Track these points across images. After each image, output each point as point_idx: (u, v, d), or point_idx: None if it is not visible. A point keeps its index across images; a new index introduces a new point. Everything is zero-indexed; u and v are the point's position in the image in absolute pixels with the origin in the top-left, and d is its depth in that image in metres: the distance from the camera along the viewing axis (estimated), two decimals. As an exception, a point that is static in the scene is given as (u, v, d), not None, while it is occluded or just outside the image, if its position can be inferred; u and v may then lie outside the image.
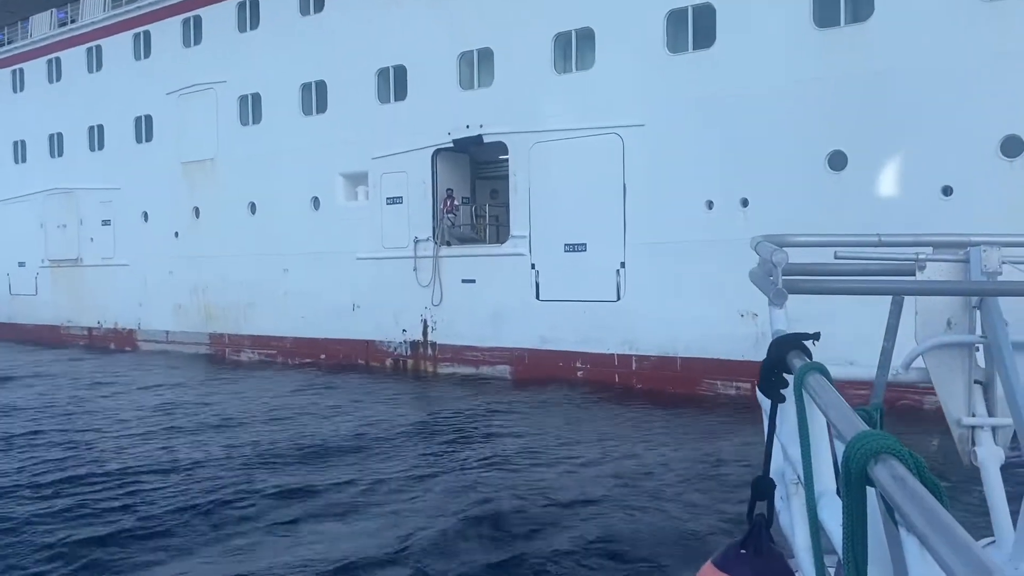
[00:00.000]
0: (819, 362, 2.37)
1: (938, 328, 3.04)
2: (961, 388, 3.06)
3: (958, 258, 3.08)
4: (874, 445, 1.70)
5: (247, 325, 30.31)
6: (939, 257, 3.11)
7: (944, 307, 3.05)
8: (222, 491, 11.85)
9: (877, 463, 1.67)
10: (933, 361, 3.05)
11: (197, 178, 31.52)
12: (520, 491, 11.84)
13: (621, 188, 21.25)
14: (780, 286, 2.84)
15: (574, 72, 22.41)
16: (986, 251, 2.93)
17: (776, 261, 2.88)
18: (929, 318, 3.06)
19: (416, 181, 25.34)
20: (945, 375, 3.04)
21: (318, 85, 27.76)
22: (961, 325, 3.04)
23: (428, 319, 25.23)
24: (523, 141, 23.01)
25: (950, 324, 3.05)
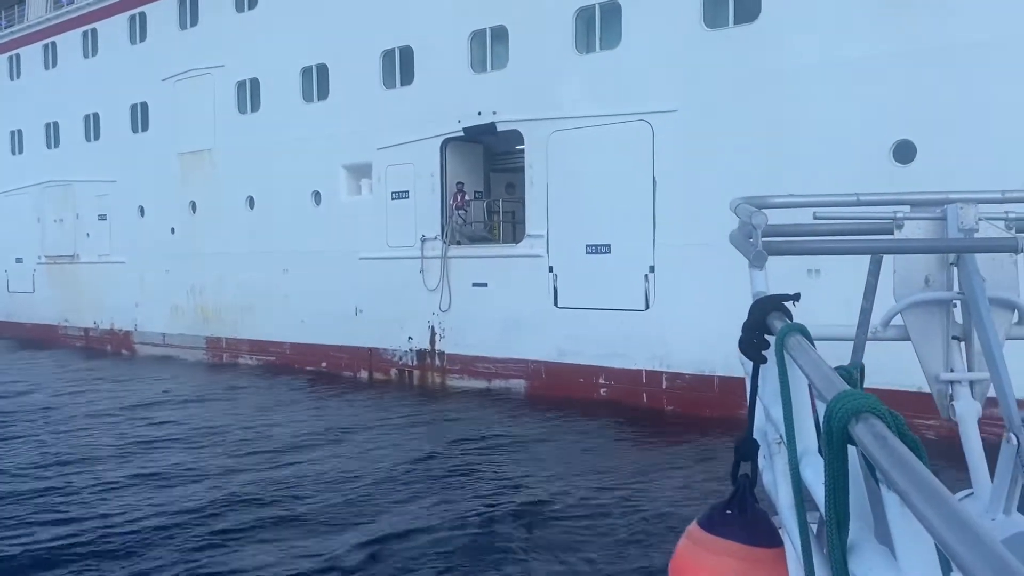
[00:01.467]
0: (799, 323, 2.43)
1: (916, 286, 3.07)
2: (939, 344, 3.06)
3: (935, 216, 3.06)
4: (854, 404, 1.74)
5: (245, 329, 28.17)
6: (917, 215, 3.10)
7: (922, 265, 3.07)
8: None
9: (858, 422, 1.71)
10: (911, 318, 3.06)
11: (193, 170, 29.41)
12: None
13: (650, 182, 18.74)
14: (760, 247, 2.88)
15: (598, 52, 19.88)
16: (963, 208, 2.94)
17: (755, 223, 2.97)
18: (907, 276, 3.08)
19: (424, 174, 22.98)
20: (923, 332, 3.07)
21: (319, 69, 25.47)
22: (939, 282, 3.06)
23: (436, 326, 22.90)
24: (540, 129, 20.55)
25: (928, 282, 3.08)
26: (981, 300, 2.84)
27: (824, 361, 2.13)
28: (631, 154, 18.95)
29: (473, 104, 21.75)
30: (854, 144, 16.18)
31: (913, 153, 15.75)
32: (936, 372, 3.10)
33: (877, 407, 1.72)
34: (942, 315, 3.11)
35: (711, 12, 18.21)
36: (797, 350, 2.28)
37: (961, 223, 2.95)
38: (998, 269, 3.01)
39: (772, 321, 2.59)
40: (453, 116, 22.13)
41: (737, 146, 17.49)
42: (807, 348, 2.26)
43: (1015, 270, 3.02)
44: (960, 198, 2.99)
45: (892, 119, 15.88)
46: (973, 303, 2.89)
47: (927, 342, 3.08)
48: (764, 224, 2.98)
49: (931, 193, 3.19)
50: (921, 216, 3.10)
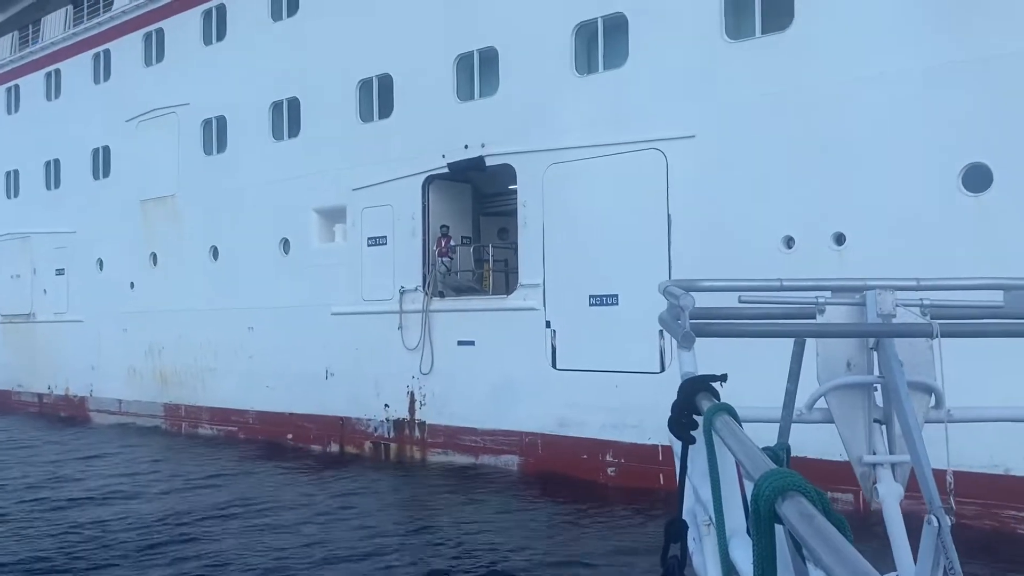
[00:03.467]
0: (727, 403, 2.44)
1: (839, 369, 3.09)
2: (861, 427, 3.09)
3: (855, 301, 3.12)
4: (781, 483, 1.77)
5: (206, 394, 25.04)
6: (838, 301, 3.17)
7: (844, 349, 3.11)
8: None
9: (784, 501, 1.75)
10: (835, 401, 3.09)
11: (156, 218, 26.65)
12: None
13: (665, 220, 15.84)
14: (688, 329, 2.88)
15: (601, 72, 17.19)
16: (880, 295, 3.01)
17: (684, 304, 2.96)
18: (830, 360, 3.11)
19: (403, 216, 20.14)
20: (846, 415, 3.09)
21: (290, 103, 22.85)
22: (860, 366, 3.09)
23: (416, 391, 19.77)
24: (535, 162, 17.74)
25: (850, 365, 3.10)
26: (900, 384, 2.90)
27: (751, 441, 2.13)
28: (641, 188, 16.10)
29: (459, 137, 19.01)
30: (914, 170, 13.32)
31: (988, 179, 12.85)
32: (859, 455, 3.09)
33: (803, 486, 1.77)
34: (864, 398, 3.14)
35: (733, 21, 15.53)
36: (725, 430, 2.29)
37: (880, 309, 3.00)
38: (915, 354, 3.03)
39: (700, 401, 2.59)
40: (436, 151, 19.38)
41: (770, 176, 14.66)
42: (735, 428, 2.28)
43: (931, 355, 3.02)
44: (878, 285, 3.05)
45: (960, 138, 13.04)
46: (892, 387, 2.96)
47: (850, 425, 3.09)
48: (692, 306, 2.96)
49: (850, 280, 3.24)
50: (842, 301, 3.15)
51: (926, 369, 3.11)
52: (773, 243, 14.66)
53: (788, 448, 3.36)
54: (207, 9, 25.16)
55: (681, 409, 2.69)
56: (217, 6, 24.88)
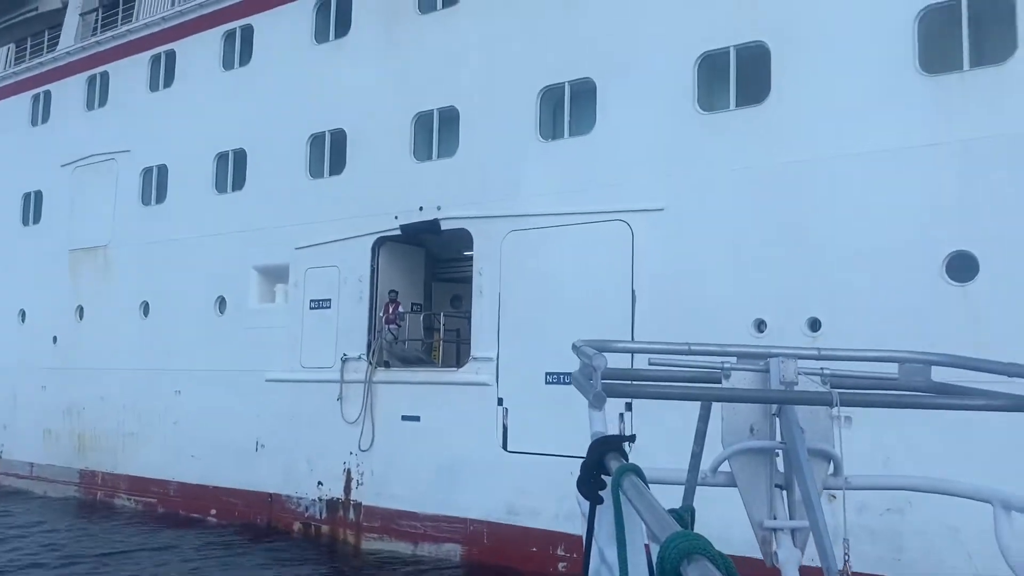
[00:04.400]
0: (635, 464, 2.43)
1: (742, 434, 3.12)
2: (763, 492, 3.10)
3: (759, 368, 3.17)
4: (686, 546, 1.77)
5: (126, 461, 23.08)
6: (743, 367, 3.21)
7: (747, 414, 3.14)
8: None
9: (690, 563, 1.75)
10: (737, 465, 3.10)
11: (85, 269, 24.95)
12: None
13: (628, 296, 14.85)
14: (599, 389, 2.91)
15: (566, 138, 16.36)
16: (784, 363, 3.07)
17: (596, 365, 2.97)
18: (734, 424, 3.14)
19: (350, 279, 18.87)
20: (749, 479, 3.11)
21: (236, 155, 21.65)
22: (763, 431, 3.12)
23: (353, 469, 18.22)
24: (493, 228, 16.72)
25: (753, 430, 3.12)
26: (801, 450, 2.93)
27: (658, 502, 2.15)
28: (605, 261, 15.14)
29: (414, 197, 17.95)
30: (895, 257, 12.56)
31: (975, 268, 12.11)
32: (760, 519, 3.08)
33: (708, 549, 1.78)
34: (766, 464, 3.14)
35: (707, 92, 14.85)
36: (632, 491, 2.29)
37: (783, 376, 3.05)
38: (816, 421, 3.08)
39: (609, 462, 2.59)
40: (390, 211, 18.27)
41: (742, 254, 13.81)
42: (642, 489, 2.28)
43: (831, 423, 3.07)
44: (781, 353, 3.10)
45: (945, 225, 12.34)
46: (793, 453, 2.99)
47: (752, 489, 3.10)
48: (604, 367, 2.97)
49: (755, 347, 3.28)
50: (747, 368, 3.18)
51: (825, 437, 3.17)
52: (743, 326, 13.72)
53: (693, 510, 3.36)
54: (156, 54, 24.04)
55: (589, 469, 2.68)
56: (167, 51, 23.77)
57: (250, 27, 21.82)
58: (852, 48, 13.28)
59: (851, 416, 3.08)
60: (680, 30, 14.98)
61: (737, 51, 14.45)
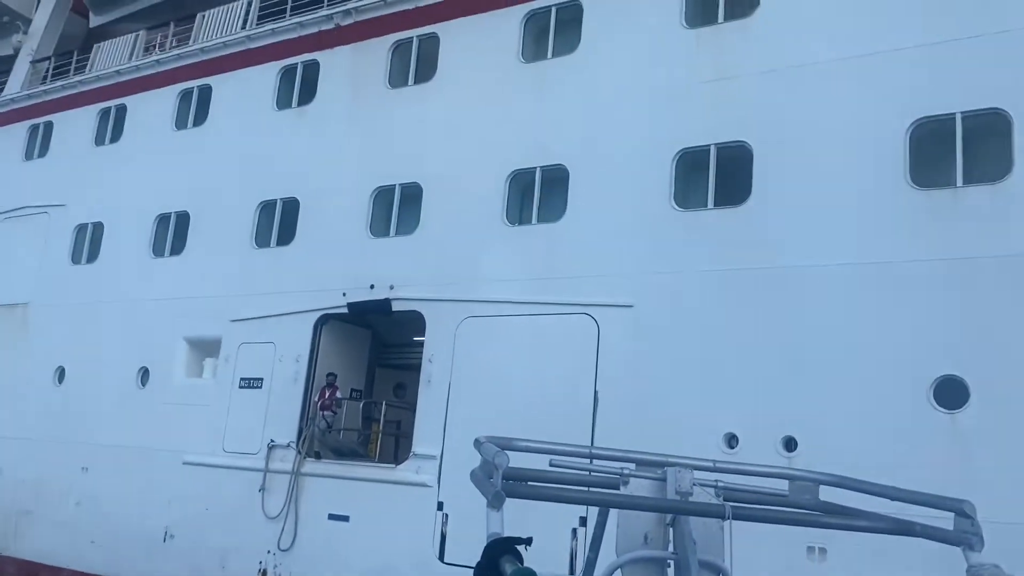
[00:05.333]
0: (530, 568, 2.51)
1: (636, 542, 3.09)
2: None
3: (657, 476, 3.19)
4: None
5: (16, 543, 20.72)
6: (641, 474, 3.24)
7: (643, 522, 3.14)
8: None
9: None
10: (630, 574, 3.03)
11: (0, 327, 23.01)
12: None
13: (591, 398, 13.68)
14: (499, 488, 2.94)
15: (534, 224, 15.44)
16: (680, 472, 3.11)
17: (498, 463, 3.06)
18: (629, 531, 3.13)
19: (287, 357, 17.41)
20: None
21: (179, 218, 20.32)
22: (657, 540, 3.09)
23: (270, 570, 16.35)
24: (449, 313, 15.56)
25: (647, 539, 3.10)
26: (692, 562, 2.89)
27: None
28: (567, 356, 14.03)
29: (365, 275, 16.76)
30: (880, 376, 11.69)
31: (965, 395, 11.26)
32: None
33: None
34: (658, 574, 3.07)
35: (683, 189, 14.14)
36: None
37: (678, 486, 3.07)
38: (708, 533, 3.04)
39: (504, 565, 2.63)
40: (338, 288, 17.03)
41: (716, 362, 12.82)
42: None
43: (722, 536, 3.03)
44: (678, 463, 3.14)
45: (934, 345, 11.55)
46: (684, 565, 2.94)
47: None
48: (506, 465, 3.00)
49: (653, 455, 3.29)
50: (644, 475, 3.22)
51: (717, 549, 3.11)
52: (713, 439, 12.60)
53: None
54: (105, 108, 22.88)
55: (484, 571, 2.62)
56: (117, 105, 22.64)
57: (208, 87, 20.86)
58: (841, 154, 12.70)
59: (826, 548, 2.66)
60: (660, 124, 14.34)
61: (718, 150, 13.81)
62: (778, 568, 10.72)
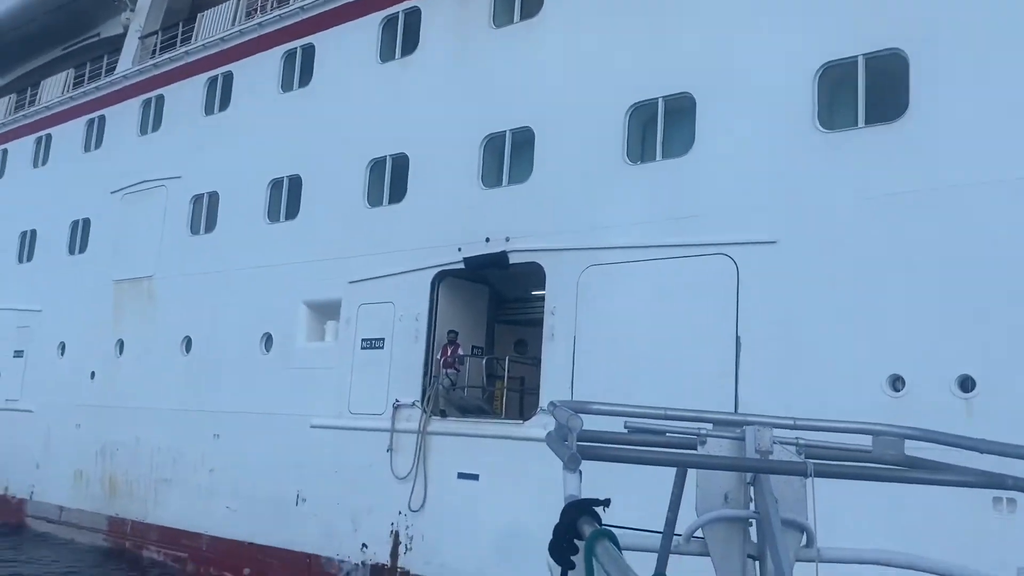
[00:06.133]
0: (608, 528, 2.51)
1: (716, 502, 3.07)
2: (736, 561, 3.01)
3: (735, 436, 3.14)
4: None
5: (156, 510, 21.29)
6: (718, 434, 3.19)
7: (722, 482, 3.08)
8: None
9: None
10: (711, 534, 3.07)
11: (128, 301, 23.56)
12: None
13: (732, 342, 12.61)
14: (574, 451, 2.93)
15: (659, 160, 14.34)
16: (759, 431, 3.04)
17: (572, 427, 3.07)
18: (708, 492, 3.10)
19: (407, 317, 16.97)
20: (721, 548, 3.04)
21: (292, 182, 20.10)
22: (737, 500, 3.07)
23: (402, 532, 16.09)
24: (570, 262, 14.69)
25: (727, 498, 3.06)
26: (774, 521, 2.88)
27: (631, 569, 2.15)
28: (704, 301, 12.96)
29: (480, 227, 16.07)
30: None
31: None
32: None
33: None
34: (739, 533, 3.06)
35: (828, 108, 12.75)
36: (605, 556, 2.32)
37: (758, 445, 3.02)
38: (789, 491, 3.02)
39: (582, 526, 2.64)
40: (452, 243, 16.40)
41: (872, 299, 11.53)
42: (615, 555, 2.32)
43: (804, 493, 3.00)
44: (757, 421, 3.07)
45: None
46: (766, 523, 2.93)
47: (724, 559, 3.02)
48: (580, 428, 3.02)
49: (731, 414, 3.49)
50: (722, 435, 3.16)
51: (799, 507, 3.07)
52: (875, 383, 11.38)
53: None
54: (212, 76, 22.85)
55: (562, 534, 2.65)
56: (224, 73, 22.56)
57: (311, 46, 20.45)
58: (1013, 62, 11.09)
59: None
60: (798, 38, 12.94)
61: (867, 60, 12.34)
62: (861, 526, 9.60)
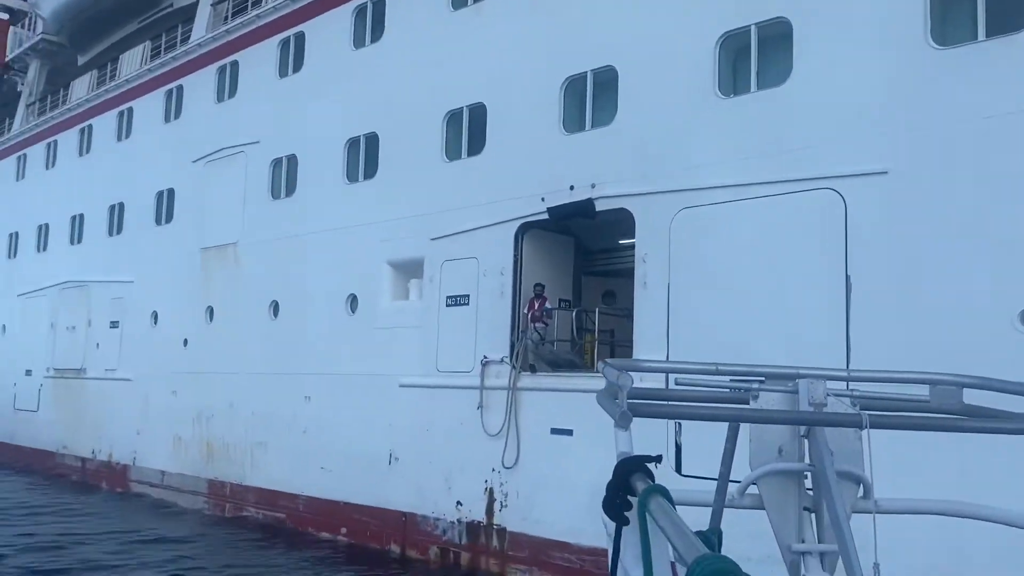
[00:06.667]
0: (661, 485, 2.42)
1: (770, 456, 2.97)
2: (792, 514, 2.94)
3: (788, 389, 3.06)
4: (714, 568, 1.78)
5: (254, 472, 21.62)
6: (771, 387, 3.12)
7: (776, 435, 2.99)
8: None
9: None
10: (766, 487, 2.97)
11: (215, 269, 23.82)
12: None
13: (841, 284, 11.78)
14: (625, 408, 2.79)
15: (753, 92, 13.44)
16: (812, 384, 2.96)
17: (621, 384, 2.97)
18: (762, 445, 2.99)
19: (491, 272, 16.56)
20: (777, 501, 2.96)
21: (368, 140, 19.79)
22: (791, 453, 2.98)
23: (496, 489, 15.86)
24: (661, 206, 13.98)
25: (781, 452, 2.96)
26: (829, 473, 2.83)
27: (685, 524, 2.13)
28: (809, 241, 12.14)
29: (563, 175, 15.46)
30: None
31: None
32: (788, 542, 2.89)
33: (736, 571, 1.77)
34: (794, 486, 2.98)
35: (941, 21, 11.65)
36: (659, 512, 2.30)
37: (811, 397, 2.92)
38: (845, 443, 2.92)
39: (635, 482, 2.57)
40: (535, 193, 15.85)
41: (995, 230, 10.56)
42: (668, 511, 2.29)
43: (860, 445, 2.90)
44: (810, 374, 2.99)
45: None
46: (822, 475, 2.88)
47: (780, 512, 2.96)
48: (630, 386, 2.90)
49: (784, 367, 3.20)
50: (775, 388, 3.11)
51: (855, 459, 2.96)
52: (1003, 319, 10.44)
53: (720, 532, 3.23)
54: (284, 38, 22.63)
55: (615, 490, 2.60)
56: (296, 34, 22.31)
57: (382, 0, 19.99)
58: None
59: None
60: (904, -53, 11.85)
61: (984, -34, 11.20)
62: None
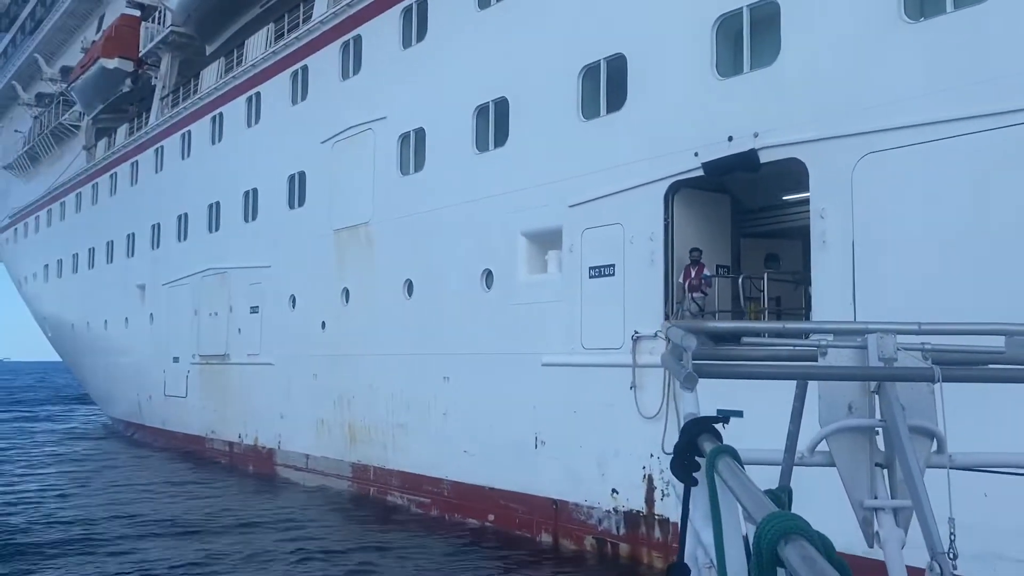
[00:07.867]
0: (729, 445, 2.45)
1: (840, 413, 2.96)
2: (863, 471, 2.93)
3: (857, 345, 3.07)
4: (783, 526, 1.79)
5: (396, 455, 21.12)
6: (839, 344, 3.12)
7: (845, 392, 2.99)
8: None
9: (787, 544, 1.75)
10: (836, 445, 2.96)
11: (349, 250, 23.38)
12: None
13: (1076, 231, 9.81)
14: (690, 370, 2.88)
15: (949, 12, 11.44)
16: (882, 338, 2.97)
17: (686, 345, 2.99)
18: (831, 403, 2.99)
19: (639, 238, 15.15)
20: (847, 458, 2.96)
21: (498, 105, 18.67)
22: (861, 409, 2.98)
23: (656, 476, 14.55)
24: (837, 152, 12.19)
25: (851, 408, 2.97)
26: (902, 428, 2.82)
27: (753, 483, 2.13)
28: (1013, 186, 10.18)
29: (719, 126, 13.84)
30: None
31: None
32: (860, 499, 2.93)
33: (806, 529, 1.78)
34: (865, 442, 2.98)
35: None
36: (727, 472, 2.30)
37: (881, 352, 2.95)
38: (917, 398, 2.93)
39: (703, 443, 2.61)
40: (687, 147, 14.31)
41: None
42: (736, 470, 2.29)
43: (933, 399, 2.89)
44: (879, 328, 3.01)
45: None
46: (894, 431, 2.88)
47: (851, 469, 2.96)
48: (694, 347, 2.99)
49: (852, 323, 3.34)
50: (843, 344, 3.11)
51: (928, 413, 2.95)
52: None
53: (790, 491, 3.12)
54: (407, 6, 21.74)
55: (683, 451, 2.65)
56: (419, 2, 21.38)
57: (506, -45, 18.77)
58: None
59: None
60: None
61: None
62: None
